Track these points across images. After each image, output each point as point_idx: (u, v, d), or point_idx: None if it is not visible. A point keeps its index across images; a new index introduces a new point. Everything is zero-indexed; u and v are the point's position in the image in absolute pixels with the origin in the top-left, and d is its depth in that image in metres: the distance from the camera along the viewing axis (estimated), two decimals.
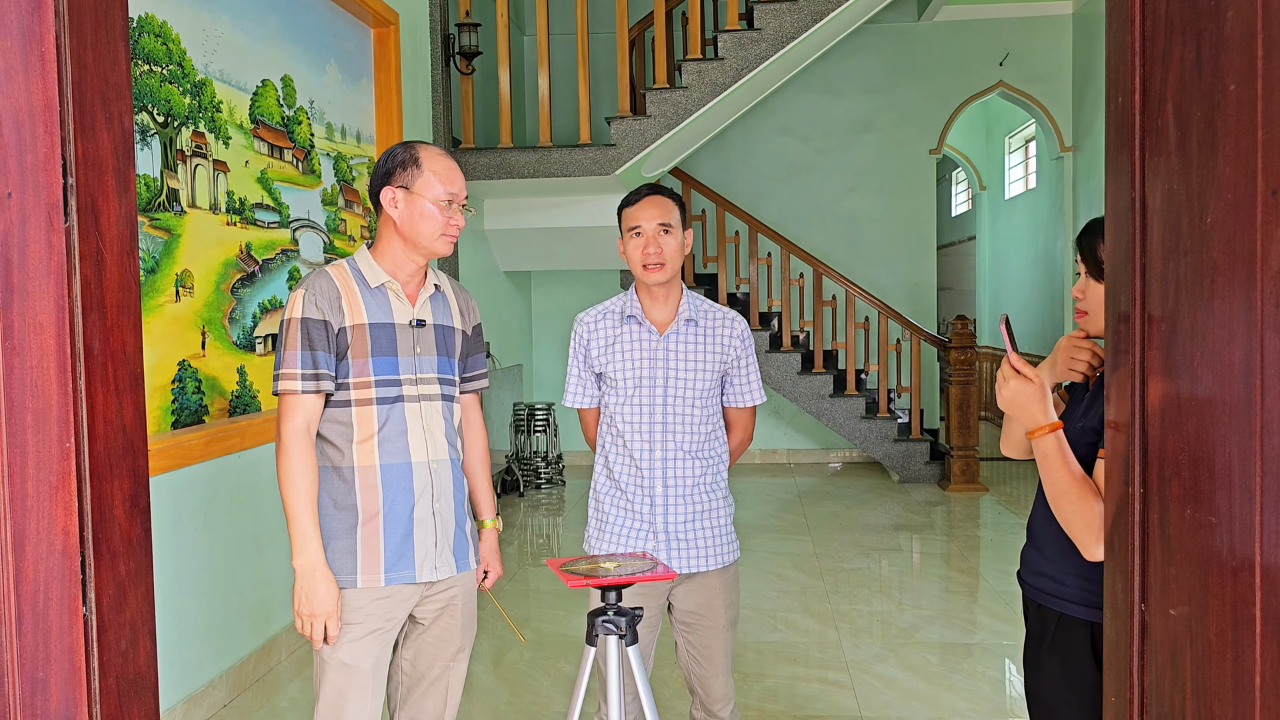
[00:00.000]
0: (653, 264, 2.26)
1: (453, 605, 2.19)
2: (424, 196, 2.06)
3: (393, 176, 2.09)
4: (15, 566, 1.29)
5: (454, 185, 2.09)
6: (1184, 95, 0.99)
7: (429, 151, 2.10)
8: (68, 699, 1.35)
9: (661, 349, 2.31)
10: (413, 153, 2.09)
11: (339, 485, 2.05)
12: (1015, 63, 8.57)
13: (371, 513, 2.04)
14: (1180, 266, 1.01)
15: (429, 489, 2.10)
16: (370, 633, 2.05)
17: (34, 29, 1.26)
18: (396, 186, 2.08)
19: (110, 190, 1.42)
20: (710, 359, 2.33)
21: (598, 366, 2.37)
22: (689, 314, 2.33)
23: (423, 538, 2.09)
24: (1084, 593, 1.72)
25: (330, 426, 2.06)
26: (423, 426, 2.11)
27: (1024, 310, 9.88)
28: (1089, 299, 1.76)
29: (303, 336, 1.99)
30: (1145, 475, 1.10)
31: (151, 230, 3.23)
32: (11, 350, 1.28)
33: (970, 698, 3.51)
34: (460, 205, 2.11)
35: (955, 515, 6.55)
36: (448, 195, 2.07)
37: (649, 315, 2.34)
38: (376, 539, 2.04)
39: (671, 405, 2.30)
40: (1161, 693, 1.06)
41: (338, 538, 2.04)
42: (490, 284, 7.27)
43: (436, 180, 2.07)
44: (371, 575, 2.04)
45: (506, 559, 5.56)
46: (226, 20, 3.69)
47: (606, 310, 2.40)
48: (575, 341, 2.41)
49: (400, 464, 2.06)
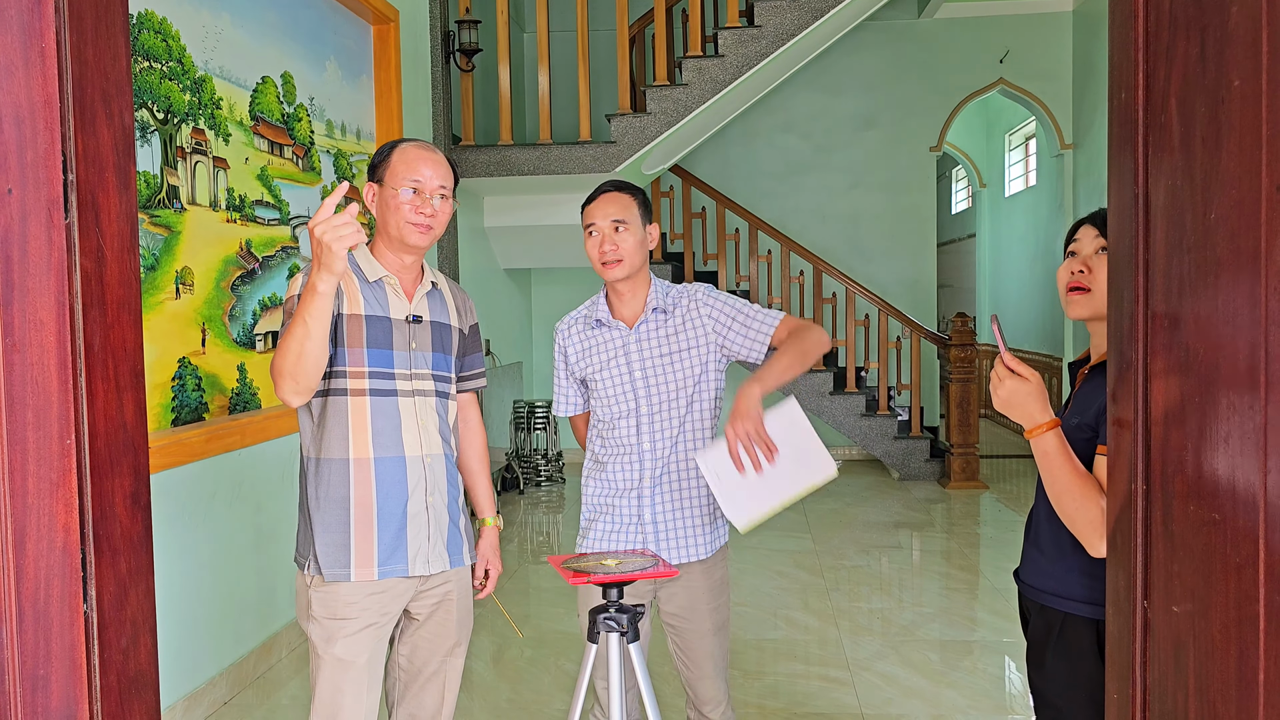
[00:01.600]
0: (610, 260, 2.21)
1: (448, 600, 2.19)
2: (391, 187, 2.05)
3: (374, 173, 2.10)
4: (16, 563, 1.29)
5: (418, 172, 2.05)
6: (1188, 91, 0.99)
7: (405, 143, 2.09)
8: (69, 696, 1.35)
9: (634, 341, 2.27)
10: (389, 147, 2.09)
11: (332, 477, 2.03)
12: (1015, 60, 8.56)
13: (365, 505, 2.03)
14: (1184, 263, 1.00)
15: (422, 483, 2.09)
16: (365, 627, 2.04)
17: (34, 25, 1.25)
18: (374, 182, 2.09)
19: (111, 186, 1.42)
20: (690, 345, 2.27)
21: (579, 372, 2.35)
22: (656, 303, 2.27)
23: (416, 531, 2.08)
24: (1089, 591, 1.71)
25: (325, 418, 2.04)
26: (417, 421, 2.10)
27: (1024, 307, 9.88)
28: (1097, 276, 1.72)
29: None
30: (1148, 471, 1.10)
31: (152, 227, 3.23)
32: (12, 347, 1.28)
33: (970, 695, 3.51)
34: (434, 193, 2.06)
35: (955, 513, 6.55)
36: (411, 182, 2.04)
37: (617, 313, 2.31)
38: (370, 532, 2.03)
39: (655, 395, 2.26)
40: (1165, 690, 1.06)
41: (331, 530, 2.03)
42: (490, 281, 7.26)
43: (401, 168, 2.05)
44: (365, 569, 2.03)
45: (507, 556, 5.56)
46: (226, 17, 3.68)
47: (578, 316, 2.37)
48: (556, 350, 2.40)
49: (394, 458, 2.05)
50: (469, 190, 6.54)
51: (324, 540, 2.02)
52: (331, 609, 2.04)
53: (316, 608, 2.05)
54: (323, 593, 2.04)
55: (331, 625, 2.03)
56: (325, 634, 2.04)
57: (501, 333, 7.57)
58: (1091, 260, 1.74)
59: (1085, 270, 1.74)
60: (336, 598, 2.02)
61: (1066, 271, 1.77)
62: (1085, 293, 1.74)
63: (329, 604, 2.04)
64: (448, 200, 2.11)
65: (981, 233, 11.87)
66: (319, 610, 2.04)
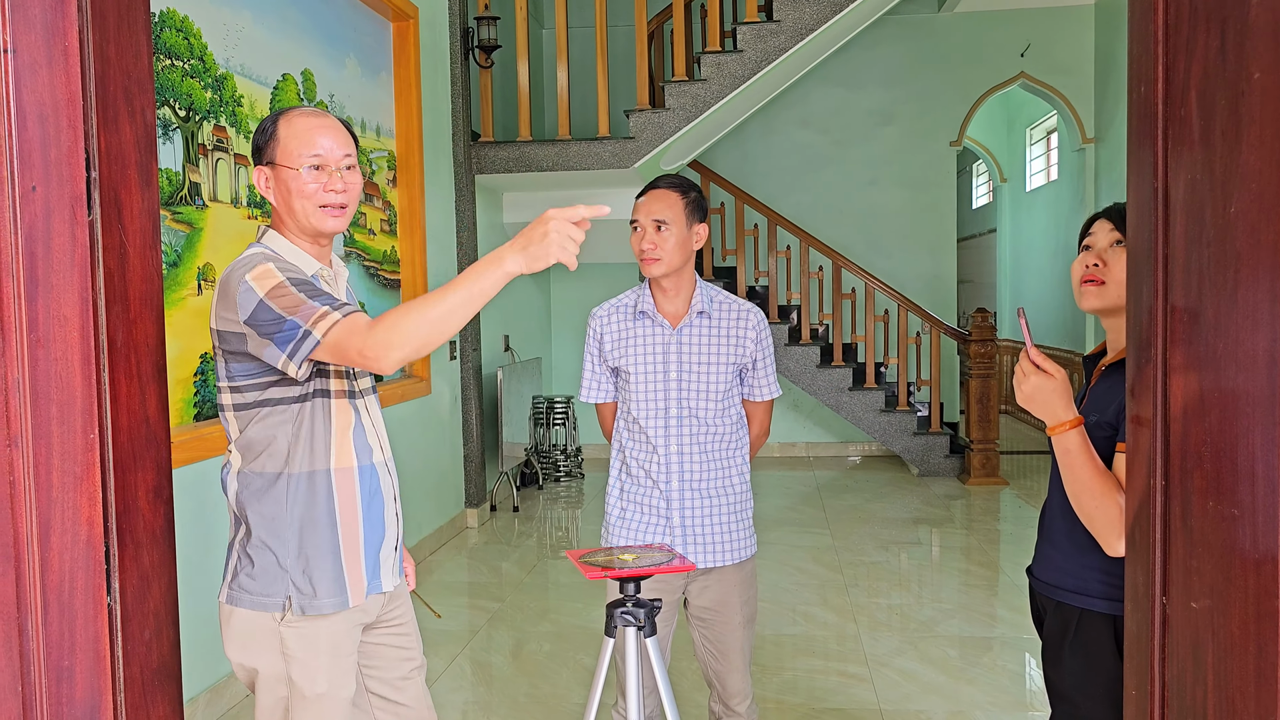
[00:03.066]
0: (649, 258, 2.24)
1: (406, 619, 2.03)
2: (288, 167, 1.74)
3: (261, 154, 1.78)
4: (41, 556, 1.30)
5: (316, 145, 1.75)
6: (1208, 84, 0.98)
7: (289, 115, 1.78)
8: (93, 688, 1.36)
9: (675, 342, 2.30)
10: (271, 122, 1.78)
11: (313, 494, 1.78)
12: (1037, 54, 8.50)
13: (350, 521, 1.82)
14: (1203, 257, 1.00)
15: (391, 489, 1.91)
16: (347, 656, 1.85)
17: (58, 23, 1.27)
18: (264, 164, 1.78)
19: (133, 184, 1.43)
20: (726, 353, 2.31)
21: (612, 361, 2.36)
22: (701, 306, 2.30)
23: (387, 541, 1.91)
24: (1106, 587, 1.71)
25: (304, 424, 1.78)
26: (372, 423, 1.89)
27: (1045, 303, 9.82)
28: (1113, 268, 1.71)
29: (302, 289, 1.67)
30: (1167, 467, 1.09)
31: (173, 224, 3.26)
32: (37, 342, 1.29)
33: (990, 691, 3.50)
34: (339, 165, 1.77)
35: (975, 509, 6.53)
36: (312, 158, 1.74)
37: (661, 309, 2.32)
38: (357, 549, 1.83)
39: (687, 399, 2.29)
40: (1183, 686, 1.05)
41: (322, 555, 1.79)
42: None
43: (297, 144, 1.74)
44: (358, 592, 1.83)
45: (526, 552, 5.58)
46: (247, 15, 3.70)
47: (619, 305, 2.38)
48: (590, 336, 2.40)
49: (367, 465, 1.85)
50: (488, 186, 6.56)
51: (315, 568, 1.78)
52: (314, 644, 1.80)
53: (295, 647, 1.79)
54: (301, 628, 1.79)
55: (315, 662, 1.80)
56: (308, 673, 1.79)
57: (520, 328, 7.59)
58: (1106, 254, 1.73)
59: (1100, 263, 1.74)
60: (319, 631, 1.79)
61: (1081, 265, 1.78)
62: (1099, 285, 1.74)
63: (311, 639, 1.80)
64: (355, 169, 1.81)
65: (1002, 228, 11.80)
66: (298, 649, 1.79)
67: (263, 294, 1.65)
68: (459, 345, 6.06)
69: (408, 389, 5.21)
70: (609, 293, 6.21)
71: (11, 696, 1.29)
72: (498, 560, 5.43)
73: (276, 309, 1.64)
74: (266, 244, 1.80)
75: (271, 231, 1.82)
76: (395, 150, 5.29)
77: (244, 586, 1.78)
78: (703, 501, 2.30)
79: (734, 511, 2.34)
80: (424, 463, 5.49)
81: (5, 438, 1.28)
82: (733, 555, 2.33)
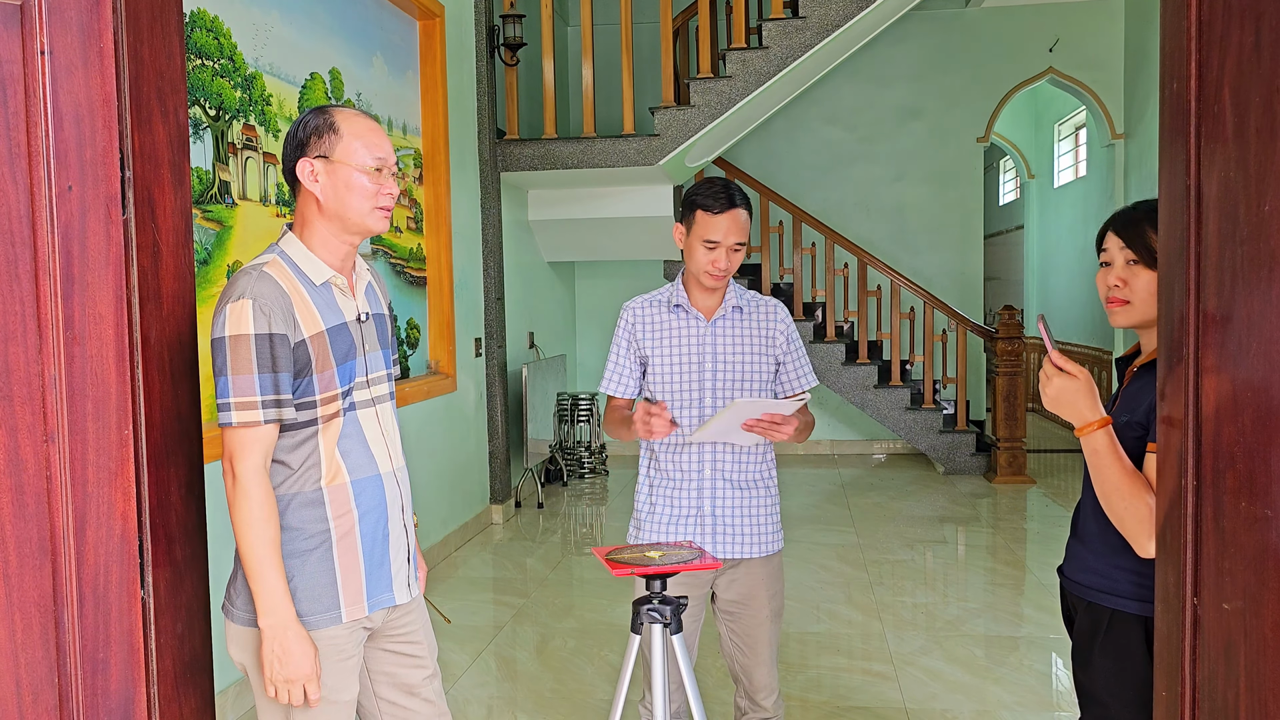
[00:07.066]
0: (719, 274, 2.28)
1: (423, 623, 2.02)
2: (348, 165, 1.77)
3: (308, 147, 1.79)
4: (77, 550, 1.32)
5: (381, 149, 1.81)
6: (1242, 80, 0.98)
7: (345, 113, 1.82)
8: (127, 679, 1.38)
9: (710, 335, 2.33)
10: (328, 117, 1.80)
11: (308, 512, 1.79)
12: (1065, 48, 8.42)
13: (347, 535, 1.81)
14: (1237, 255, 0.99)
15: (398, 500, 1.90)
16: (350, 659, 1.85)
17: (93, 25, 1.28)
18: (314, 157, 1.78)
19: (166, 183, 1.45)
20: (760, 347, 2.35)
21: (644, 350, 2.38)
22: (735, 301, 2.35)
23: (396, 554, 1.90)
24: (1137, 588, 1.69)
25: (295, 454, 1.79)
26: (381, 432, 1.89)
27: (1072, 300, 9.73)
28: (1134, 287, 1.72)
29: (259, 355, 1.68)
30: (1199, 468, 1.08)
31: (204, 222, 3.29)
32: (73, 339, 1.31)
33: (1016, 691, 3.48)
34: (391, 172, 1.83)
35: (1001, 507, 6.48)
36: (375, 161, 1.79)
37: (696, 304, 2.36)
38: (356, 563, 1.82)
39: (721, 391, 2.32)
40: (1215, 687, 1.05)
41: (316, 572, 1.79)
42: (534, 274, 7.30)
43: (361, 145, 1.78)
44: (355, 606, 1.82)
45: (551, 548, 5.60)
46: (276, 14, 3.73)
47: (654, 298, 2.42)
48: (622, 327, 2.42)
49: (369, 477, 1.84)
50: (513, 184, 6.58)
51: (311, 584, 1.78)
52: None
53: None
54: None
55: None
56: None
57: (545, 325, 7.61)
58: (1124, 273, 1.73)
59: (1121, 283, 1.74)
60: (320, 641, 1.79)
61: (1103, 283, 1.78)
62: (1125, 304, 1.74)
63: None
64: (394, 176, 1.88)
65: (1030, 224, 11.70)
66: None
67: (222, 334, 1.69)
68: (484, 342, 6.09)
69: (433, 386, 5.23)
70: (634, 289, 6.22)
71: (48, 688, 1.31)
72: (522, 556, 5.45)
73: (226, 358, 1.68)
74: (283, 248, 1.81)
75: (290, 234, 1.83)
76: (421, 148, 5.32)
77: (235, 602, 1.81)
78: (735, 492, 2.33)
79: (764, 504, 2.36)
80: (449, 459, 5.52)
81: (42, 434, 1.30)
82: (761, 548, 2.34)
